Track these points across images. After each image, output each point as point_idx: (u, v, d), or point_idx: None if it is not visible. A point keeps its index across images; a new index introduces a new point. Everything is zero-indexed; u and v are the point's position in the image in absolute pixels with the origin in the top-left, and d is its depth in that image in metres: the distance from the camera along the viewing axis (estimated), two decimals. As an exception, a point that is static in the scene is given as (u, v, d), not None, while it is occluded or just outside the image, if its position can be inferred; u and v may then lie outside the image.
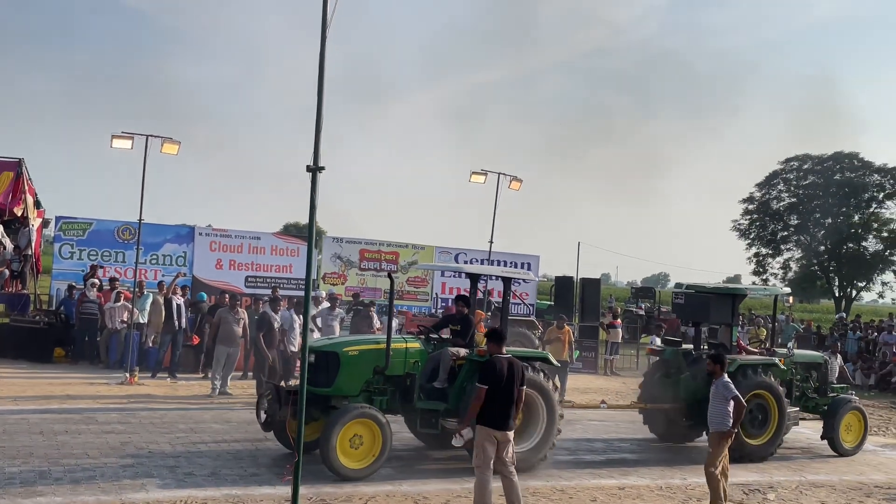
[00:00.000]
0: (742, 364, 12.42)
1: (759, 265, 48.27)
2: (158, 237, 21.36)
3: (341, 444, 9.44)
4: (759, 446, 12.42)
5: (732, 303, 13.25)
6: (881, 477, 12.08)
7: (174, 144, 16.46)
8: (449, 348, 10.62)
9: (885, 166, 45.39)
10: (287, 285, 22.02)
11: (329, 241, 24.56)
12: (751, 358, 12.86)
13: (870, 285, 46.83)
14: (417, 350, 10.57)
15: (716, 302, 13.10)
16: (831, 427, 13.29)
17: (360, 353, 10.17)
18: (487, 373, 8.22)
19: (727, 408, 9.24)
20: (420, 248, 25.11)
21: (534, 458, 10.60)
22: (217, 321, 15.69)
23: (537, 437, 10.64)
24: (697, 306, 13.41)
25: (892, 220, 45.57)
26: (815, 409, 13.68)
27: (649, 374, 13.82)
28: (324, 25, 7.07)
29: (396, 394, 10.39)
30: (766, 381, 12.50)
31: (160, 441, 10.96)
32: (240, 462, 10.17)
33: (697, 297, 13.52)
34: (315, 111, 7.10)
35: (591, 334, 24.59)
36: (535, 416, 10.67)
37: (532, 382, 10.47)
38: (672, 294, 18.56)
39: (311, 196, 7.07)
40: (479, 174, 21.12)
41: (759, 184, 48.23)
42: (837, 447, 13.31)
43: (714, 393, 9.45)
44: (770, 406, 12.53)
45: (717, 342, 13.52)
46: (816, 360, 14.28)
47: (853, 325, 29.05)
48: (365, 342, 10.66)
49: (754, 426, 12.42)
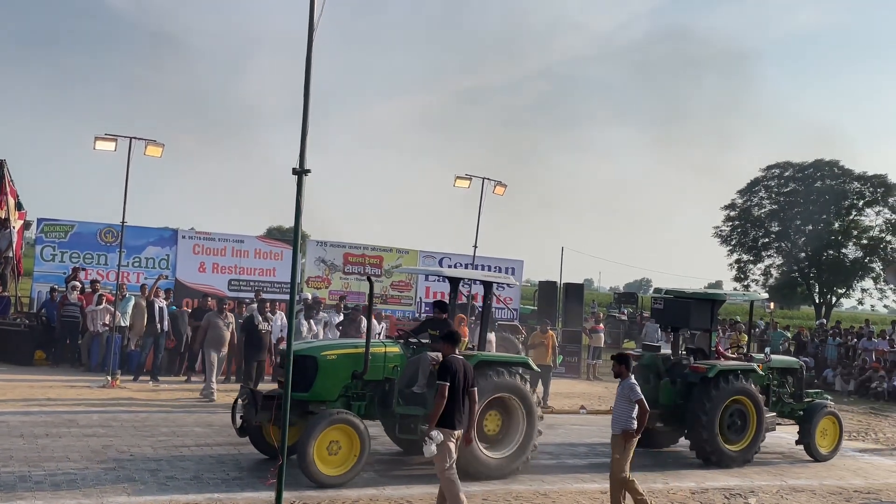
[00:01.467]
0: (721, 370, 12.44)
1: (740, 271, 48.59)
2: (141, 240, 21.25)
3: (318, 451, 9.30)
4: (738, 452, 12.44)
5: (712, 308, 13.27)
6: (860, 482, 12.19)
7: (158, 147, 16.42)
8: (428, 353, 10.49)
9: (865, 174, 45.83)
10: (271, 289, 21.98)
11: (313, 244, 24.52)
12: (730, 364, 12.87)
13: (849, 292, 47.24)
14: (396, 354, 10.41)
15: (695, 307, 13.10)
16: (807, 432, 13.37)
17: (338, 358, 9.99)
18: (447, 371, 8.15)
19: (632, 410, 9.12)
20: (404, 252, 25.13)
21: (513, 464, 10.53)
22: (206, 325, 15.63)
23: (516, 443, 10.57)
24: (677, 312, 13.36)
25: (872, 227, 46.02)
26: (791, 414, 13.73)
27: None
28: (310, 29, 7.09)
29: (375, 399, 10.29)
30: (745, 386, 12.52)
31: (142, 444, 10.90)
32: (222, 466, 10.13)
33: (677, 302, 13.50)
34: (301, 114, 7.11)
35: (574, 339, 24.70)
36: (515, 421, 10.63)
37: (512, 387, 10.50)
38: (651, 299, 18.60)
39: (297, 199, 7.08)
40: (464, 179, 21.19)
41: (741, 190, 48.59)
42: (813, 452, 13.39)
43: (619, 394, 9.35)
44: (749, 412, 12.58)
45: (696, 347, 13.53)
46: (793, 366, 14.31)
47: (833, 331, 29.29)
48: (343, 346, 10.46)
49: (733, 432, 12.45)
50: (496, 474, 10.33)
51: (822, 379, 25.15)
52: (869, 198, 45.77)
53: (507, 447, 10.53)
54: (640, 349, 14.61)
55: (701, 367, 12.52)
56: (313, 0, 7.07)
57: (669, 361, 13.16)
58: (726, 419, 12.39)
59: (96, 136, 16.23)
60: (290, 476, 9.30)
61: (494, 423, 10.59)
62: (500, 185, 21.70)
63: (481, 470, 10.21)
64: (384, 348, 10.33)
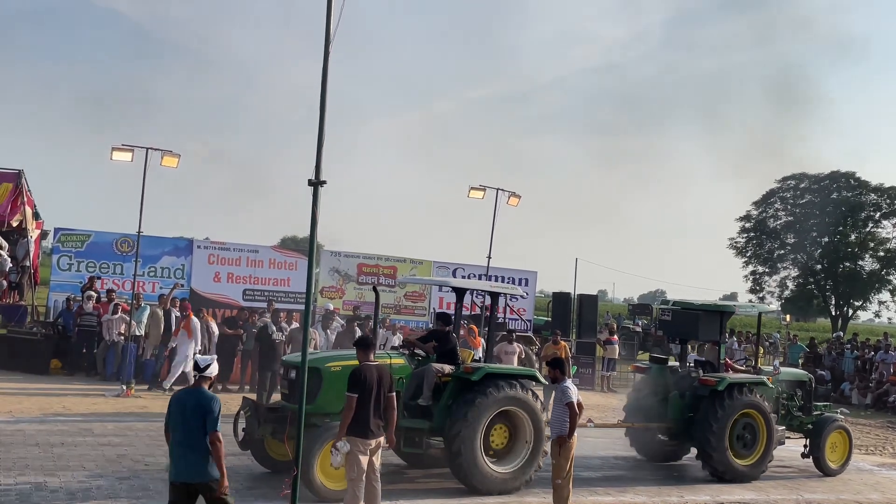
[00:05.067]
0: (731, 383, 12.23)
1: (755, 283, 48.38)
2: (157, 249, 21.34)
3: (322, 465, 9.11)
4: (748, 467, 12.21)
5: (720, 320, 13.10)
6: (878, 496, 12.08)
7: (174, 157, 16.51)
8: (433, 365, 10.33)
9: (882, 186, 45.60)
10: (285, 299, 22.02)
11: (327, 254, 24.57)
12: (739, 377, 12.67)
13: (866, 304, 46.91)
14: (401, 366, 10.20)
15: (704, 319, 12.91)
16: (817, 446, 13.14)
17: (342, 370, 9.51)
18: (355, 381, 8.02)
19: (566, 414, 9.03)
20: (418, 263, 25.12)
21: (519, 479, 10.37)
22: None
23: (523, 458, 10.41)
24: (685, 323, 13.22)
25: (889, 239, 45.77)
26: (800, 427, 13.48)
27: (633, 393, 13.64)
28: (327, 41, 7.13)
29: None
30: (754, 400, 12.30)
31: (156, 454, 10.91)
32: (236, 476, 10.10)
33: (685, 313, 13.36)
34: (318, 126, 7.15)
35: (588, 350, 24.61)
36: (522, 435, 10.48)
37: (519, 400, 10.36)
38: (659, 310, 18.47)
39: (313, 210, 7.11)
40: (478, 189, 21.18)
41: (757, 202, 48.41)
42: (823, 466, 13.16)
43: (555, 398, 9.28)
44: (758, 425, 12.33)
45: (704, 360, 13.35)
46: (801, 379, 14.12)
47: (850, 344, 29.06)
48: (348, 358, 9.86)
49: (743, 446, 12.22)
50: (502, 488, 10.19)
51: (840, 392, 24.94)
52: (886, 210, 45.51)
53: (515, 461, 10.39)
54: (648, 361, 14.46)
55: (710, 380, 12.31)
56: (329, 12, 7.12)
57: (677, 374, 13.00)
58: (736, 433, 12.17)
59: (113, 147, 16.35)
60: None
61: (501, 437, 10.45)
62: (514, 196, 21.68)
63: (486, 484, 10.08)
64: (389, 360, 10.02)
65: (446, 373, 10.33)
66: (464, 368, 10.35)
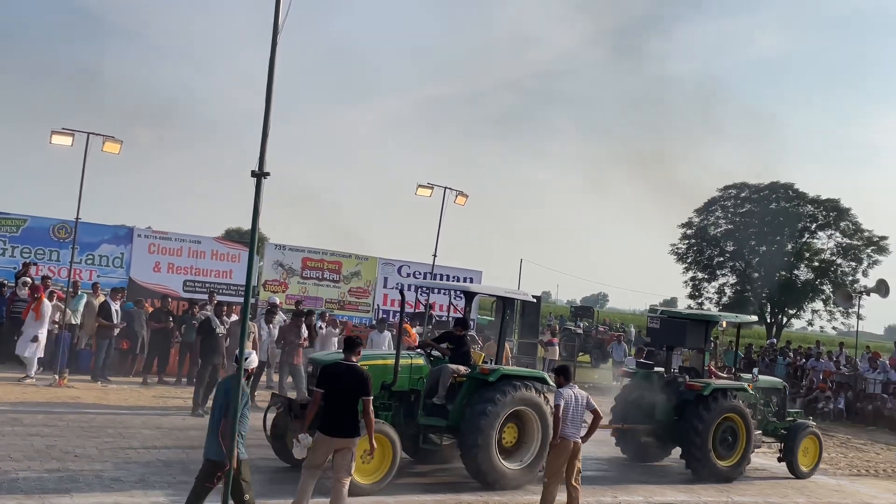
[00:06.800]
0: (716, 388, 12.91)
1: (695, 289, 49.20)
2: (95, 237, 20.88)
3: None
4: (729, 467, 12.90)
5: (706, 329, 13.74)
6: (803, 500, 12.42)
7: (116, 143, 16.19)
8: (449, 365, 10.89)
9: (819, 198, 46.77)
10: (227, 291, 21.75)
11: (271, 247, 24.33)
12: (723, 383, 13.33)
13: (800, 313, 48.09)
14: (421, 366, 10.78)
15: (690, 328, 13.57)
16: (790, 451, 13.86)
17: (369, 368, 9.81)
18: (321, 377, 8.26)
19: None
20: (364, 259, 25.02)
21: (528, 475, 10.83)
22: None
23: (532, 455, 10.91)
24: (673, 331, 13.88)
25: (824, 250, 46.95)
26: (774, 432, 14.19)
27: (621, 397, 14.13)
28: (275, 31, 7.04)
29: (401, 409, 10.52)
30: (736, 405, 13.01)
31: (87, 445, 10.70)
32: (169, 469, 9.98)
33: (673, 322, 14.09)
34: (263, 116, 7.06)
35: (529, 351, 24.83)
36: (531, 434, 10.96)
37: (529, 401, 10.81)
38: (647, 318, 19.08)
39: (255, 202, 7.01)
40: (426, 187, 21.22)
41: (698, 210, 49.27)
42: (795, 470, 13.88)
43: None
44: (739, 429, 13.05)
45: (689, 366, 14.11)
46: (777, 386, 14.86)
47: (782, 350, 29.80)
48: (372, 357, 10.52)
49: (724, 448, 12.91)
50: (514, 484, 10.66)
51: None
52: (821, 221, 46.71)
53: (524, 457, 10.88)
54: (635, 366, 15.07)
55: (697, 385, 13.00)
56: (279, 1, 7.04)
57: (664, 378, 13.57)
58: (718, 435, 12.86)
59: (53, 131, 15.96)
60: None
61: (511, 435, 10.96)
62: (461, 195, 21.79)
63: (498, 480, 10.54)
64: (410, 360, 10.65)
65: (462, 373, 10.84)
66: (480, 370, 10.88)
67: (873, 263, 44.83)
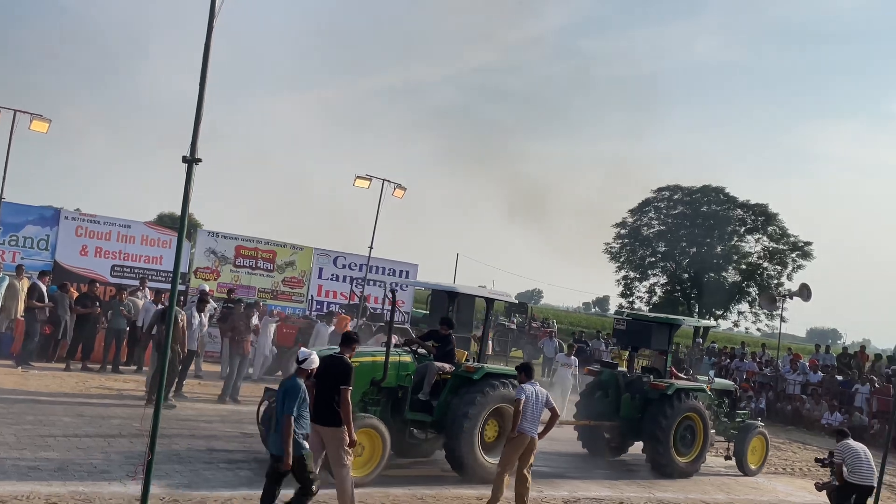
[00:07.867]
0: (679, 388, 13.43)
1: (626, 288, 50.06)
2: (20, 218, 20.26)
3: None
4: (687, 463, 13.53)
5: (669, 331, 14.31)
6: (723, 497, 12.77)
7: (44, 122, 15.77)
8: (435, 363, 11.15)
9: (748, 202, 48.00)
10: (156, 277, 21.33)
11: (204, 234, 23.94)
12: (685, 383, 13.88)
13: (727, 314, 49.31)
14: (409, 363, 11.01)
15: (655, 330, 14.11)
16: (740, 450, 14.47)
17: (360, 365, 10.05)
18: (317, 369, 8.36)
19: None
20: (299, 249, 24.80)
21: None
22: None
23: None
24: (639, 333, 14.40)
25: (751, 253, 48.19)
26: (725, 431, 14.77)
27: (586, 395, 14.52)
28: (211, 15, 6.92)
29: (388, 405, 10.71)
30: (696, 405, 13.60)
31: (5, 433, 10.37)
32: (90, 457, 9.75)
33: (639, 324, 14.63)
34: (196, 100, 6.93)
35: (463, 345, 24.78)
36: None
37: (509, 398, 10.86)
38: (614, 320, 19.73)
39: (186, 188, 6.89)
40: (364, 179, 21.13)
41: (632, 210, 50.11)
42: (744, 468, 14.49)
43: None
44: (698, 427, 13.63)
45: (652, 366, 14.71)
46: (729, 388, 15.49)
47: (708, 350, 30.55)
48: (362, 354, 10.62)
49: (684, 445, 13.48)
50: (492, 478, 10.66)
51: (696, 396, 26.16)
52: (750, 225, 47.94)
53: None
54: (598, 365, 15.49)
55: (661, 385, 13.50)
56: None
57: (627, 378, 14.03)
58: (679, 433, 13.41)
59: (-23, 106, 15.42)
60: (161, 471, 9.07)
61: (493, 430, 11.20)
62: (399, 188, 21.76)
63: (480, 474, 10.76)
64: (398, 357, 10.89)
65: (446, 371, 11.10)
66: (465, 368, 11.14)
67: (797, 268, 46.20)
